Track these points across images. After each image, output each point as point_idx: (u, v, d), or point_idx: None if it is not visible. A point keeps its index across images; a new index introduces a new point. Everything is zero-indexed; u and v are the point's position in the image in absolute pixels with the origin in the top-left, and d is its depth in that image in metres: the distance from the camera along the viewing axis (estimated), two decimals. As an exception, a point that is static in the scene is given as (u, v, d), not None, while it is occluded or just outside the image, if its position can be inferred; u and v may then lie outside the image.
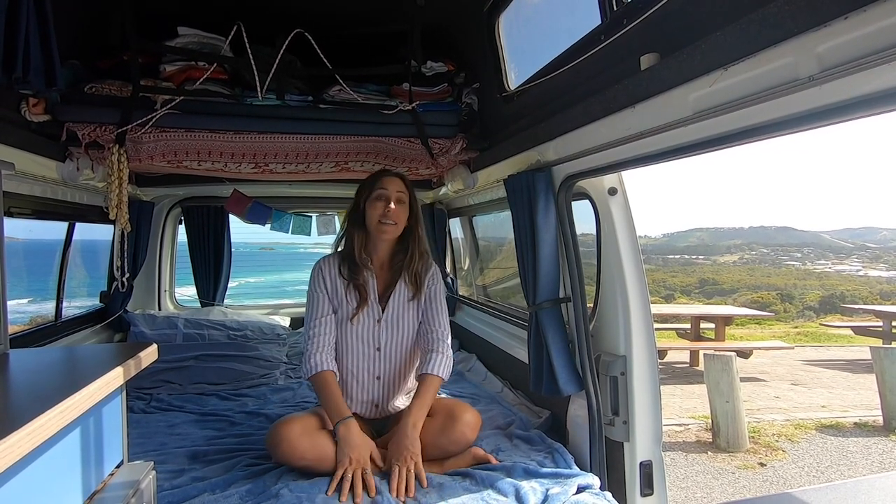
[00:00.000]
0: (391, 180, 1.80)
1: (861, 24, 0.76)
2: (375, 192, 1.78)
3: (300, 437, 1.56)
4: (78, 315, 2.81)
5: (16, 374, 1.03)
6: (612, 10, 1.40)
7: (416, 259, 1.83)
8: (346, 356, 1.82)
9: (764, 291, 27.08)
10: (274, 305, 3.98)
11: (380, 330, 1.82)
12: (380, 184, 1.79)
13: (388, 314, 1.83)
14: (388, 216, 1.75)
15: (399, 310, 1.84)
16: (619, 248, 1.69)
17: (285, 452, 1.55)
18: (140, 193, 3.03)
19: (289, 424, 1.58)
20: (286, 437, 1.55)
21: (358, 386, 1.83)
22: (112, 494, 1.01)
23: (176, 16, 2.04)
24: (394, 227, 1.77)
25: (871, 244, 73.36)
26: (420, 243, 1.85)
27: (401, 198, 1.78)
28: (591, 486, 1.56)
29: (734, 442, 4.09)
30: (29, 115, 1.81)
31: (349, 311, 1.81)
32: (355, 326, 1.80)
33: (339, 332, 1.81)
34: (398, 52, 2.27)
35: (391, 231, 1.78)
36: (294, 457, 1.55)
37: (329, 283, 1.83)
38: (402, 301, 1.84)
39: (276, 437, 1.57)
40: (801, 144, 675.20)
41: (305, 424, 1.60)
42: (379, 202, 1.76)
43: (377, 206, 1.76)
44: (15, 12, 1.36)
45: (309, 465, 1.55)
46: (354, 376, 1.82)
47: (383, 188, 1.78)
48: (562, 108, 1.59)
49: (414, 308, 1.86)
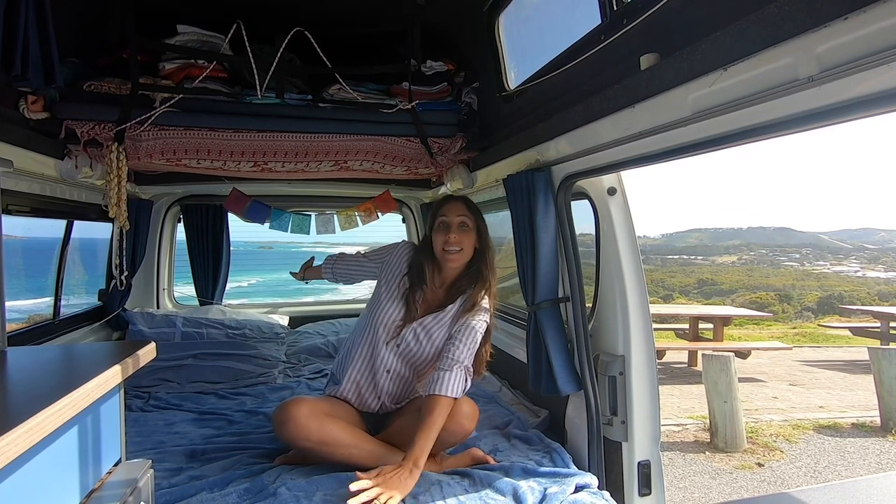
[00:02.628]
0: (452, 206, 1.79)
1: (861, 25, 0.76)
2: (438, 220, 1.78)
3: (308, 417, 1.56)
4: (76, 313, 2.81)
5: (14, 372, 1.03)
6: (612, 10, 1.40)
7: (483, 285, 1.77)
8: (365, 335, 1.81)
9: (762, 292, 27.12)
10: (272, 304, 3.98)
11: (402, 339, 1.77)
12: (441, 211, 1.79)
13: (418, 325, 1.76)
14: (451, 243, 1.74)
15: (431, 326, 1.77)
16: (618, 248, 1.70)
17: (291, 431, 1.55)
18: (139, 192, 3.03)
19: (298, 404, 1.58)
20: (294, 415, 1.55)
21: (366, 376, 1.80)
22: (109, 493, 1.00)
23: (175, 14, 2.04)
24: (459, 253, 1.75)
25: (870, 245, 73.53)
26: (491, 269, 1.79)
27: (464, 222, 1.76)
28: (590, 486, 1.57)
29: (732, 442, 4.10)
30: (28, 112, 1.80)
31: (386, 295, 1.80)
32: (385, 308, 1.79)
33: (370, 318, 1.82)
34: (398, 52, 2.27)
35: (456, 258, 1.75)
36: (300, 436, 1.55)
37: (394, 261, 1.85)
38: (439, 321, 1.76)
39: (283, 414, 1.57)
40: (800, 145, 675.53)
41: (314, 407, 1.60)
42: (441, 230, 1.76)
43: (440, 235, 1.76)
44: (14, 9, 1.36)
45: (312, 448, 1.55)
46: (363, 366, 1.80)
47: (444, 215, 1.78)
48: (561, 108, 1.59)
49: (439, 336, 1.76)
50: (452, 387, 1.61)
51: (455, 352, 1.67)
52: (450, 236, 1.74)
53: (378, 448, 1.64)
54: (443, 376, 1.62)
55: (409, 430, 1.63)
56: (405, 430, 1.65)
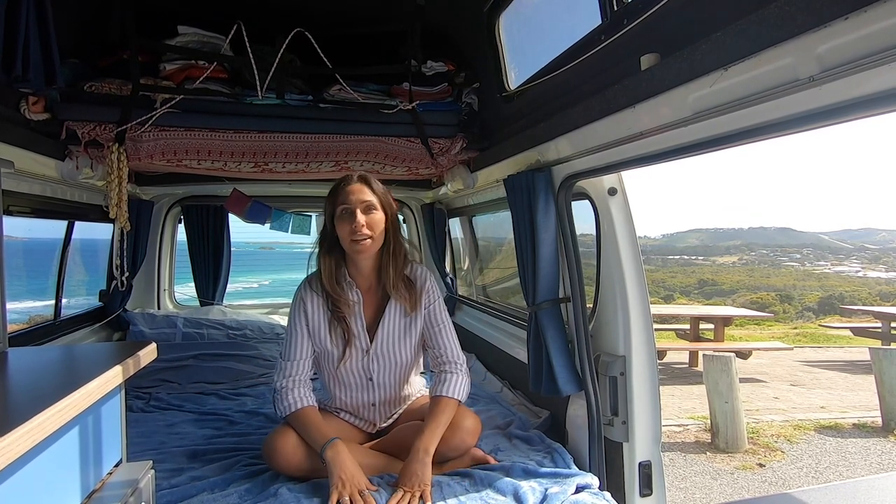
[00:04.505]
0: (353, 188, 1.58)
1: (861, 25, 0.76)
2: (339, 208, 1.58)
3: (295, 449, 1.53)
4: (77, 314, 2.81)
5: (14, 372, 1.03)
6: (613, 10, 1.40)
7: (394, 271, 1.64)
8: (337, 387, 1.73)
9: (763, 292, 27.12)
10: (273, 305, 3.98)
11: (369, 361, 1.68)
12: (342, 196, 1.58)
13: (378, 345, 1.67)
14: (357, 231, 1.55)
15: (390, 338, 1.68)
16: (618, 249, 1.69)
17: (280, 465, 1.54)
18: (140, 192, 3.03)
19: (284, 437, 1.55)
20: (282, 449, 1.53)
21: (354, 408, 1.77)
22: (110, 493, 1.00)
23: (176, 14, 2.04)
24: (369, 242, 1.57)
25: (871, 245, 73.47)
26: (395, 254, 1.64)
27: (369, 205, 1.58)
28: (590, 486, 1.56)
29: (733, 442, 4.09)
30: (28, 113, 1.81)
31: (334, 353, 1.67)
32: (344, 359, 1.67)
33: (328, 363, 1.70)
34: (398, 52, 2.27)
35: (367, 247, 1.57)
36: (290, 468, 1.54)
37: (311, 317, 1.66)
38: (392, 327, 1.68)
39: (270, 448, 1.55)
40: (800, 145, 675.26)
41: (300, 437, 1.57)
42: (345, 218, 1.57)
43: (344, 224, 1.57)
44: (15, 10, 1.36)
45: (305, 475, 1.54)
46: (347, 404, 1.76)
47: (345, 203, 1.57)
48: (562, 108, 1.59)
49: (408, 329, 1.69)
50: (458, 389, 1.63)
51: (447, 354, 1.68)
52: (357, 223, 1.54)
53: (376, 460, 1.63)
54: (448, 378, 1.64)
55: (405, 440, 1.63)
56: (401, 440, 1.65)
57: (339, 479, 1.42)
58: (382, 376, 1.72)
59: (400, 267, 1.66)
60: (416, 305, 1.68)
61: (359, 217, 1.55)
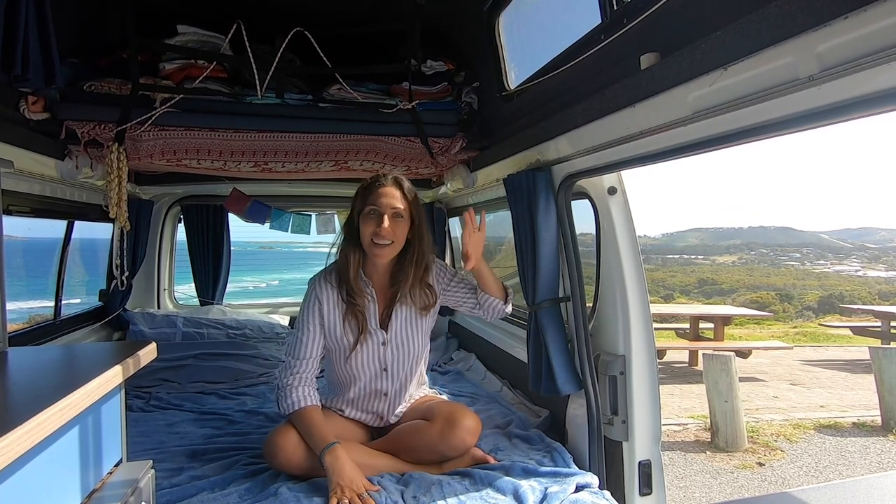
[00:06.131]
0: (386, 191, 1.60)
1: (861, 24, 0.76)
2: (368, 208, 1.59)
3: (296, 448, 1.54)
4: (77, 313, 2.81)
5: (14, 372, 1.03)
6: (613, 10, 1.40)
7: (413, 278, 1.66)
8: (348, 381, 1.74)
9: (763, 291, 27.10)
10: (273, 304, 3.98)
11: (385, 352, 1.71)
12: (373, 197, 1.59)
13: (393, 335, 1.71)
14: (381, 235, 1.56)
15: (404, 330, 1.72)
16: (618, 248, 1.69)
17: (281, 463, 1.55)
18: (139, 192, 3.03)
19: (285, 435, 1.56)
20: (283, 448, 1.54)
21: (363, 402, 1.77)
22: (110, 493, 1.00)
23: (175, 14, 2.04)
24: (389, 247, 1.59)
25: (870, 244, 73.48)
26: (416, 263, 1.66)
27: (398, 212, 1.59)
28: (590, 485, 1.57)
29: (733, 442, 4.09)
30: (28, 112, 1.81)
31: (348, 344, 1.68)
32: (358, 352, 1.69)
33: (341, 357, 1.71)
34: (398, 51, 2.27)
35: (385, 253, 1.60)
36: (291, 467, 1.55)
37: (326, 311, 1.67)
38: (406, 320, 1.72)
39: (271, 447, 1.56)
40: (800, 144, 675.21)
41: (301, 436, 1.57)
42: (371, 219, 1.58)
43: (369, 224, 1.58)
44: (14, 10, 1.36)
45: (306, 474, 1.55)
46: (359, 395, 1.76)
47: (374, 204, 1.58)
48: (562, 108, 1.59)
49: (422, 322, 1.74)
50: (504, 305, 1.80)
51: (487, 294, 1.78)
52: (381, 227, 1.56)
53: (377, 460, 1.62)
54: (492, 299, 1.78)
55: (405, 439, 1.64)
56: (401, 440, 1.66)
57: (338, 486, 1.42)
58: (396, 366, 1.74)
59: (419, 276, 1.69)
60: (428, 310, 1.74)
61: (385, 223, 1.57)
